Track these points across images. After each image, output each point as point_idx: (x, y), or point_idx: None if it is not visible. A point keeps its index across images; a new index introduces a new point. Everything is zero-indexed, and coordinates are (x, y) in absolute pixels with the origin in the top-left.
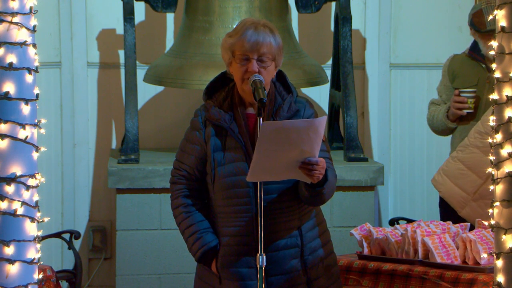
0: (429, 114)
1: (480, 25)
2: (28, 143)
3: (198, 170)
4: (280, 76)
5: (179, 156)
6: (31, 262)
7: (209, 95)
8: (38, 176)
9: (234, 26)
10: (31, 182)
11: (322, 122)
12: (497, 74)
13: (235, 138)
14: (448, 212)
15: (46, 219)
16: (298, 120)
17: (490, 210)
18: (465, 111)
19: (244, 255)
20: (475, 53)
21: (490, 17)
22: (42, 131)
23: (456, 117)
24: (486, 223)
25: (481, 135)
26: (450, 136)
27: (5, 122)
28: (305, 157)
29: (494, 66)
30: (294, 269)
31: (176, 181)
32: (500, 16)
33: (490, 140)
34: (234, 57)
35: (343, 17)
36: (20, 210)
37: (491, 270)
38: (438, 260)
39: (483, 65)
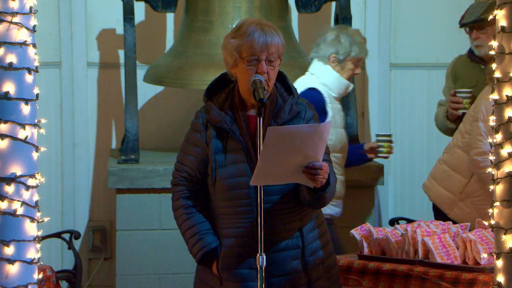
0: (435, 115)
1: (461, 19)
2: (28, 143)
3: (199, 171)
4: (281, 77)
5: (180, 157)
6: (31, 262)
7: (210, 96)
8: (38, 176)
9: (234, 26)
10: (31, 182)
11: (326, 127)
12: (497, 74)
13: (236, 140)
14: (440, 217)
15: (46, 219)
16: (304, 125)
17: (490, 210)
18: (461, 111)
19: (246, 256)
20: (473, 54)
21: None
22: (42, 131)
23: (455, 118)
24: (486, 223)
25: (462, 135)
26: None
27: (5, 122)
28: (309, 162)
29: (494, 66)
30: (295, 270)
31: (177, 182)
32: (500, 16)
33: (483, 140)
34: (242, 59)
35: (343, 17)
36: (20, 210)
37: (491, 270)
38: (438, 260)
39: (482, 66)
